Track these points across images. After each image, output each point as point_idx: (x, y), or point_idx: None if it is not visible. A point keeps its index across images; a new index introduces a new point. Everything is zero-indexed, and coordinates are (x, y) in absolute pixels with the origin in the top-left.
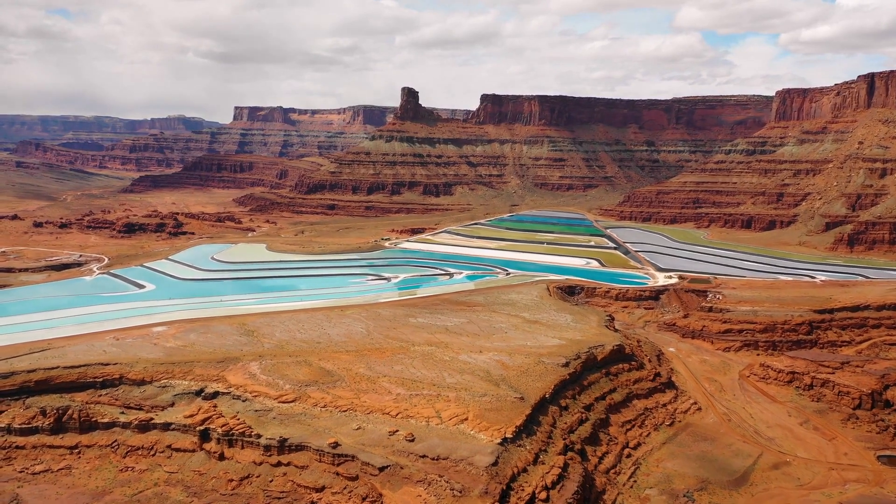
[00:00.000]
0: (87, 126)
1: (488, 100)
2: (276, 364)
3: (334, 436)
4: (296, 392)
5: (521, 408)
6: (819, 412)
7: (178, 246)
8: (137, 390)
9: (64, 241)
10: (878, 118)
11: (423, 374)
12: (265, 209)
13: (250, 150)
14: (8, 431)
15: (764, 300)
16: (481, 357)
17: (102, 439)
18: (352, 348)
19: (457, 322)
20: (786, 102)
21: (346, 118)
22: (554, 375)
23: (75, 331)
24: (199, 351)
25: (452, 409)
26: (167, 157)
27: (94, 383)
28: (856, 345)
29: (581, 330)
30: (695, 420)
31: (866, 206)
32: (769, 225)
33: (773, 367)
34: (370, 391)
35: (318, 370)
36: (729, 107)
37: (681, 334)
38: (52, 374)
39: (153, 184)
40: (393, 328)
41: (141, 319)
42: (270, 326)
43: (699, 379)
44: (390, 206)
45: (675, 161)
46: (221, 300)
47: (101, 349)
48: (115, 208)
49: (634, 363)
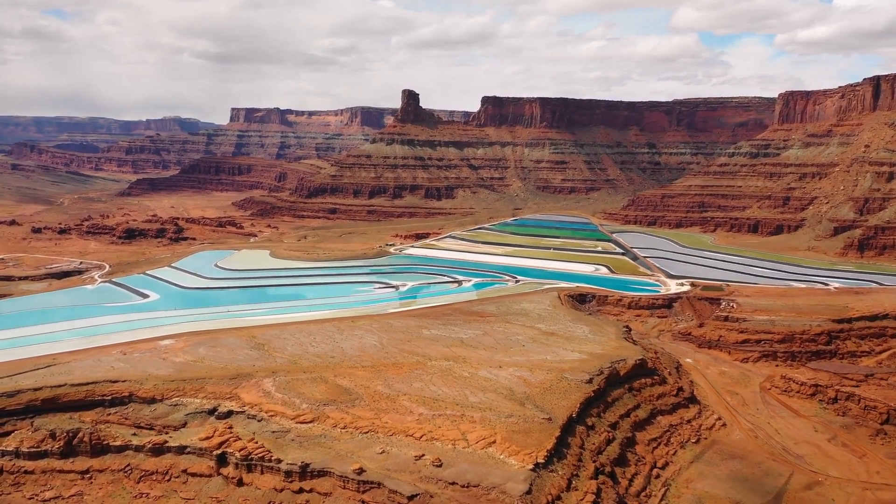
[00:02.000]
0: (81, 127)
1: (489, 102)
2: (290, 381)
3: (357, 460)
4: (314, 412)
5: (550, 429)
6: (846, 427)
7: (179, 252)
8: (148, 409)
9: (63, 248)
10: (885, 121)
11: (444, 392)
12: (266, 213)
13: (247, 151)
14: (16, 455)
15: (780, 309)
16: (502, 373)
17: (115, 463)
18: (367, 363)
19: (472, 334)
20: (789, 105)
21: (343, 119)
22: (578, 393)
23: (80, 344)
24: (209, 366)
25: (479, 430)
26: (164, 158)
27: (103, 401)
28: (875, 355)
29: (600, 343)
30: (721, 437)
31: (874, 210)
32: (776, 229)
33: (796, 379)
34: (391, 411)
35: (334, 387)
36: (730, 108)
37: (697, 344)
38: (59, 393)
39: (151, 187)
40: (407, 341)
41: (147, 332)
42: (281, 339)
43: (720, 392)
44: (392, 209)
45: (677, 163)
46: (228, 310)
47: (109, 365)
48: (113, 212)
49: (657, 378)
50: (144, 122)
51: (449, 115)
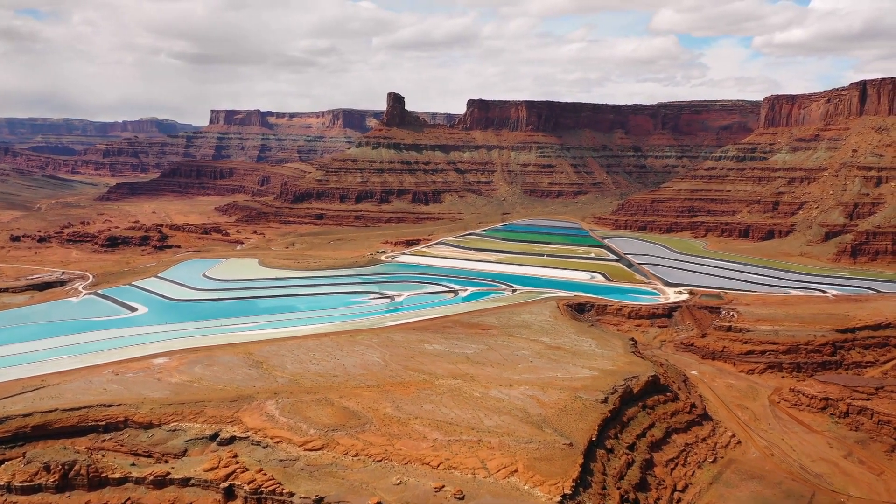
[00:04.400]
0: (56, 129)
1: (475, 105)
2: (294, 403)
3: (374, 493)
4: (322, 438)
5: (573, 456)
6: (860, 443)
7: (165, 261)
8: (145, 434)
9: (44, 257)
10: (871, 126)
11: (457, 414)
12: (252, 219)
13: (227, 154)
14: (8, 490)
15: (782, 318)
16: (513, 392)
17: (114, 497)
18: (372, 383)
19: (477, 349)
20: (774, 108)
21: (325, 122)
22: (595, 414)
23: (69, 363)
24: (207, 387)
25: (498, 458)
26: (142, 161)
27: (97, 427)
28: (880, 365)
29: (609, 357)
30: (737, 455)
31: (864, 214)
32: (767, 234)
33: (805, 392)
34: (403, 436)
35: (341, 410)
36: (714, 112)
37: (700, 355)
38: (51, 419)
39: (130, 191)
40: (410, 357)
41: (138, 349)
42: (279, 356)
43: (730, 407)
44: (380, 215)
45: (662, 167)
46: (221, 324)
47: (101, 386)
48: (93, 219)
49: (669, 394)
50: (121, 123)
51: (432, 117)
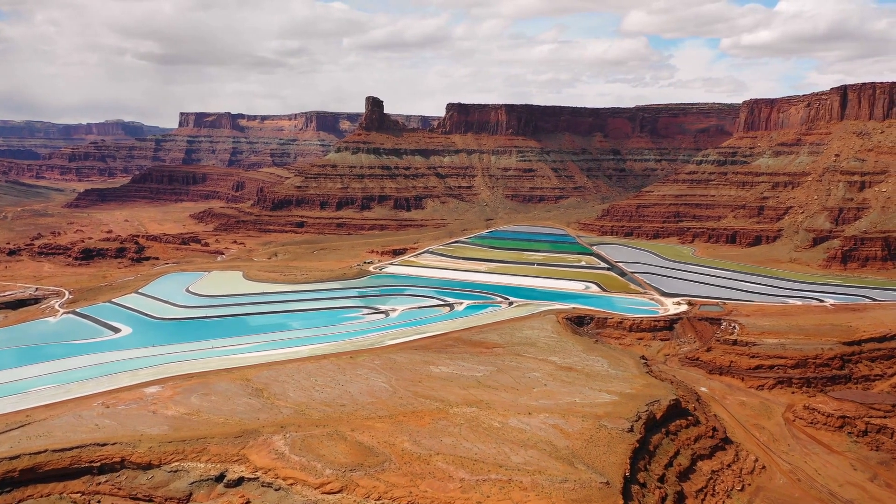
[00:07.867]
0: (17, 131)
1: (454, 108)
2: (304, 438)
3: None
4: (340, 479)
5: (612, 497)
6: (884, 464)
7: (145, 275)
8: (144, 476)
9: (15, 272)
10: (853, 130)
11: (480, 449)
12: (230, 228)
13: (198, 158)
14: None
15: (786, 330)
16: (533, 421)
17: None
18: (384, 413)
19: (486, 371)
20: (753, 112)
21: (298, 124)
22: (623, 444)
23: (55, 395)
24: (207, 421)
25: (534, 501)
26: (109, 166)
27: (91, 468)
28: (888, 378)
29: (625, 379)
30: (764, 482)
31: (849, 220)
32: (755, 240)
33: (820, 410)
34: (427, 476)
35: (356, 446)
36: (691, 115)
37: (707, 370)
38: (40, 461)
39: (100, 197)
40: (418, 381)
41: (128, 376)
42: (280, 383)
43: (747, 427)
44: (363, 222)
45: (642, 170)
46: (212, 346)
47: (92, 422)
48: (64, 228)
49: (691, 418)
50: (85, 125)
51: (407, 119)
